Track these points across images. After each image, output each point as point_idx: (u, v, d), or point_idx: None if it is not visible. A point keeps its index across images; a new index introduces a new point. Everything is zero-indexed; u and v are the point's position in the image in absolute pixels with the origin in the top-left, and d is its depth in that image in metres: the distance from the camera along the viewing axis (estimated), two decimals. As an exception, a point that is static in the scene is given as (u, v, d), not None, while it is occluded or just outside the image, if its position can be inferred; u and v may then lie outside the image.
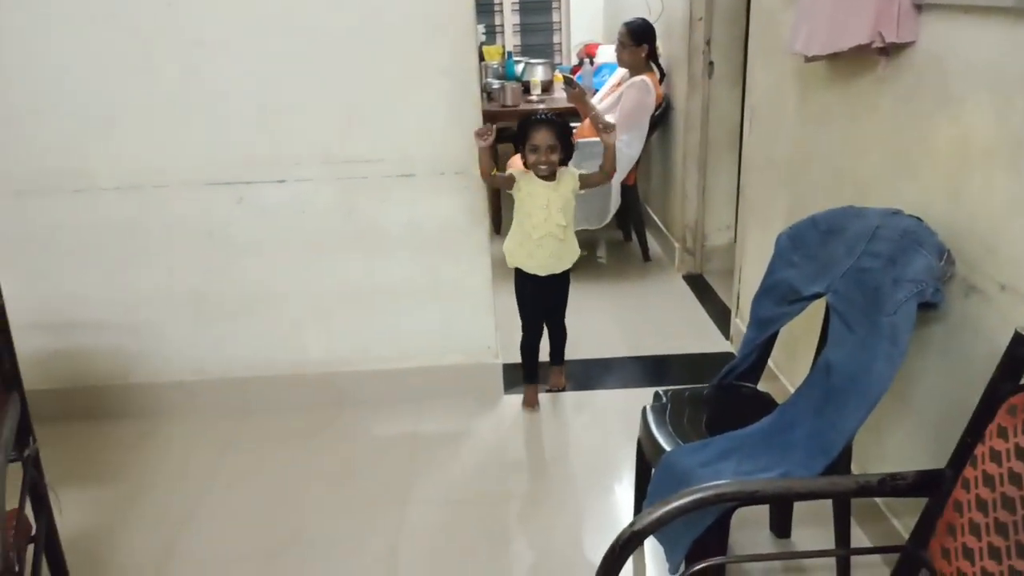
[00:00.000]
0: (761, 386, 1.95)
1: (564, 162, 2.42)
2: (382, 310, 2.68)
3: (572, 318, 2.81)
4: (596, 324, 3.43)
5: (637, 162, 3.89)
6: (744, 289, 2.97)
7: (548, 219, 2.41)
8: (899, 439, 1.83)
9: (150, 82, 2.39)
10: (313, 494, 2.28)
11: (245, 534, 2.14)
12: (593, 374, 3.03)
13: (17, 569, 1.36)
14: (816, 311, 1.78)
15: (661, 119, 3.93)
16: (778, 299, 1.78)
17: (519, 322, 2.70)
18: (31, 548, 1.67)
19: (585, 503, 2.23)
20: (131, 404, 2.71)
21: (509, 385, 2.83)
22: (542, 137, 2.34)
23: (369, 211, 2.57)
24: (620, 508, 2.21)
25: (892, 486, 1.23)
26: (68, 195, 2.48)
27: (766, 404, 1.82)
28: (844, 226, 1.70)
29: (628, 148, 3.76)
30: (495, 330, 2.75)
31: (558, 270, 2.53)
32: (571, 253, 2.54)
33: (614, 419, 2.65)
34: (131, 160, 2.47)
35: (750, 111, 2.84)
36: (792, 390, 1.92)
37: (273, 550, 2.07)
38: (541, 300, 2.61)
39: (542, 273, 2.51)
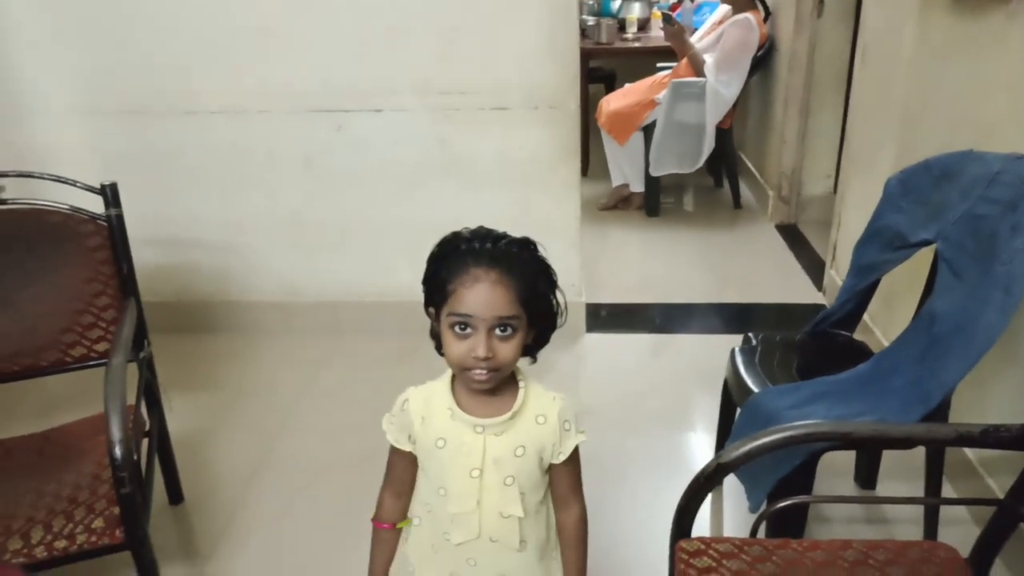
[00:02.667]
0: (856, 338, 1.90)
1: (533, 352, 1.10)
2: (471, 242, 2.71)
3: (654, 261, 2.74)
4: (680, 269, 3.39)
5: (734, 105, 3.77)
6: (842, 239, 2.87)
7: (486, 501, 1.08)
8: (1001, 394, 1.76)
9: (258, 9, 2.45)
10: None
11: (335, 444, 2.25)
12: (675, 318, 3.01)
13: (135, 458, 1.47)
14: (920, 263, 1.71)
15: (763, 60, 3.78)
16: (883, 245, 1.72)
17: (605, 261, 2.67)
18: (145, 442, 1.81)
19: (662, 444, 2.24)
20: (232, 320, 2.85)
21: (591, 324, 2.84)
22: (483, 296, 0.99)
23: (462, 143, 2.58)
24: (697, 450, 2.21)
25: (996, 437, 1.19)
26: (179, 116, 2.58)
27: (862, 353, 1.77)
28: (960, 170, 1.61)
29: (726, 89, 3.64)
30: (580, 269, 2.75)
31: None
32: (547, 573, 1.17)
33: (694, 363, 2.63)
34: (237, 85, 2.54)
35: (862, 49, 2.69)
36: (887, 344, 1.87)
37: (360, 459, 2.16)
38: None
39: None
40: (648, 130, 3.79)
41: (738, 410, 1.76)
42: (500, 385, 1.07)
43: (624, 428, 2.31)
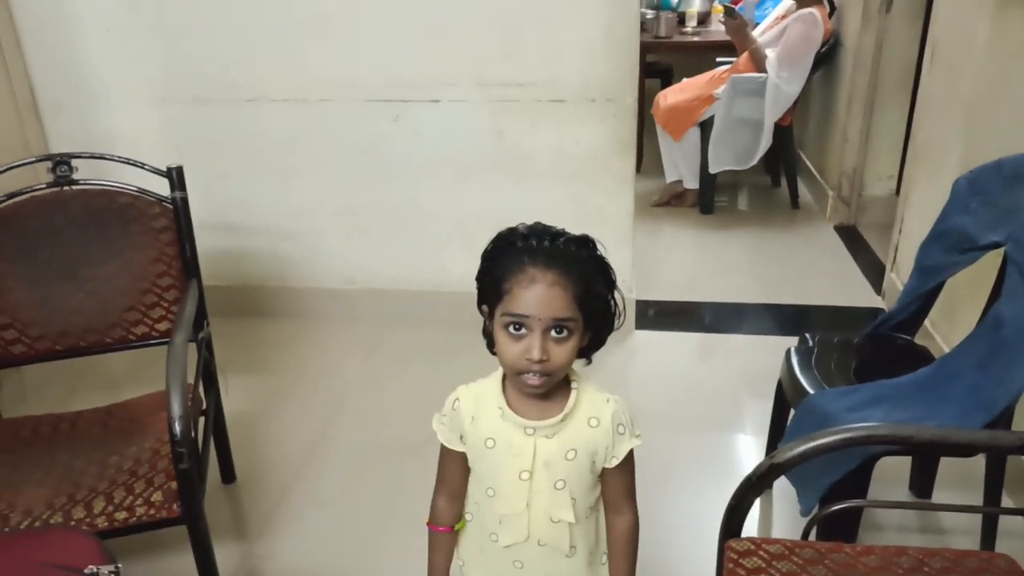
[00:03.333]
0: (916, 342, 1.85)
1: (588, 354, 1.07)
2: (523, 235, 2.72)
3: (707, 259, 2.69)
4: (734, 268, 3.34)
5: (795, 102, 3.68)
6: (904, 242, 2.79)
7: (536, 505, 1.06)
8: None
9: (321, 1, 2.48)
10: (445, 401, 2.40)
11: (386, 430, 2.28)
12: (727, 318, 2.96)
13: (193, 435, 1.51)
14: (985, 268, 1.66)
15: (826, 56, 3.69)
16: (948, 247, 1.66)
17: (656, 257, 2.64)
18: (201, 421, 1.85)
19: (711, 445, 2.21)
20: (288, 306, 2.90)
21: (641, 322, 2.81)
22: (539, 297, 0.97)
23: (518, 135, 2.58)
24: (747, 453, 2.18)
25: (1064, 448, 1.15)
26: (241, 104, 2.64)
27: (922, 357, 1.72)
28: (1035, 172, 1.56)
29: (787, 86, 3.57)
30: (631, 265, 2.73)
31: None
32: None
33: (746, 364, 2.58)
34: (298, 75, 2.59)
35: (932, 45, 2.61)
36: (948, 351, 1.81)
37: (410, 447, 2.20)
38: None
39: None
40: (705, 126, 3.74)
41: (791, 412, 1.73)
42: (553, 387, 1.03)
43: (672, 428, 2.29)
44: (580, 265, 0.99)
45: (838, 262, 3.37)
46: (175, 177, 1.86)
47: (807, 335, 1.85)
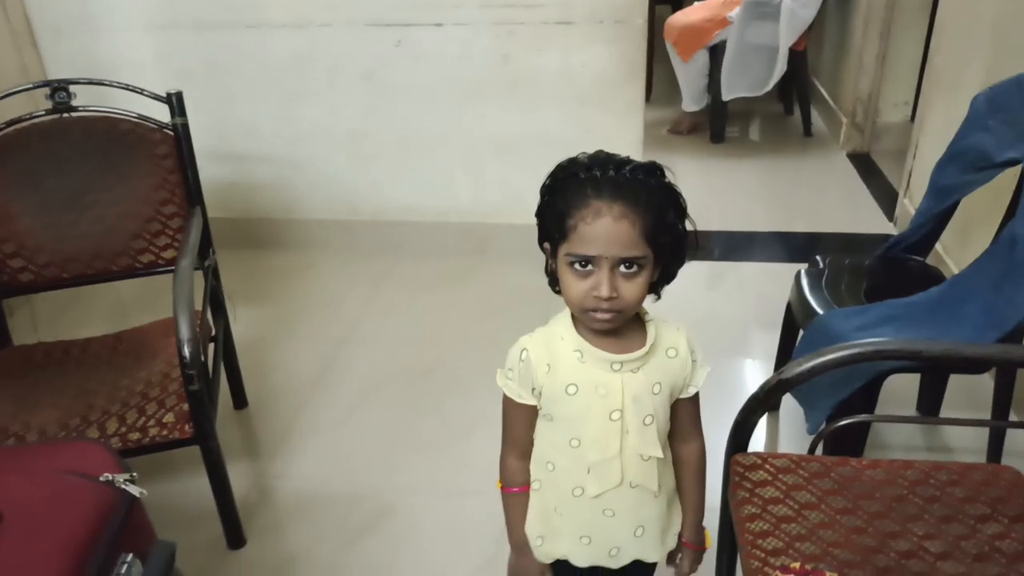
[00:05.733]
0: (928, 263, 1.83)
1: (658, 288, 1.03)
2: (531, 162, 2.66)
3: (717, 188, 2.64)
4: (745, 197, 3.30)
5: (810, 26, 3.58)
6: (919, 167, 2.74)
7: (627, 445, 1.02)
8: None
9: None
10: (454, 329, 2.41)
11: (394, 357, 2.30)
12: (737, 246, 2.94)
13: (202, 358, 1.52)
14: (999, 191, 1.62)
15: (844, -23, 3.57)
16: (965, 166, 1.63)
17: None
18: (211, 347, 1.87)
19: (719, 369, 2.19)
20: (294, 237, 2.89)
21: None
22: (606, 233, 0.91)
23: (524, 59, 2.52)
24: (756, 375, 2.18)
25: (1076, 361, 1.14)
26: (242, 30, 2.58)
27: (934, 278, 1.70)
28: (1057, 86, 1.51)
29: (803, 9, 3.46)
30: (641, 192, 2.69)
31: (657, 555, 1.12)
32: (673, 518, 1.13)
33: (756, 291, 2.57)
34: (299, -3, 2.52)
35: (954, -38, 2.51)
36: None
37: (418, 372, 2.22)
38: None
39: (615, 565, 1.11)
40: (715, 51, 3.64)
41: (800, 333, 1.72)
42: (623, 322, 0.98)
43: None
44: (649, 195, 0.91)
45: (850, 190, 3.33)
46: (175, 103, 1.83)
47: (818, 257, 1.84)
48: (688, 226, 0.97)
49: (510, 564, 1.14)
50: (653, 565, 1.15)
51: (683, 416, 1.07)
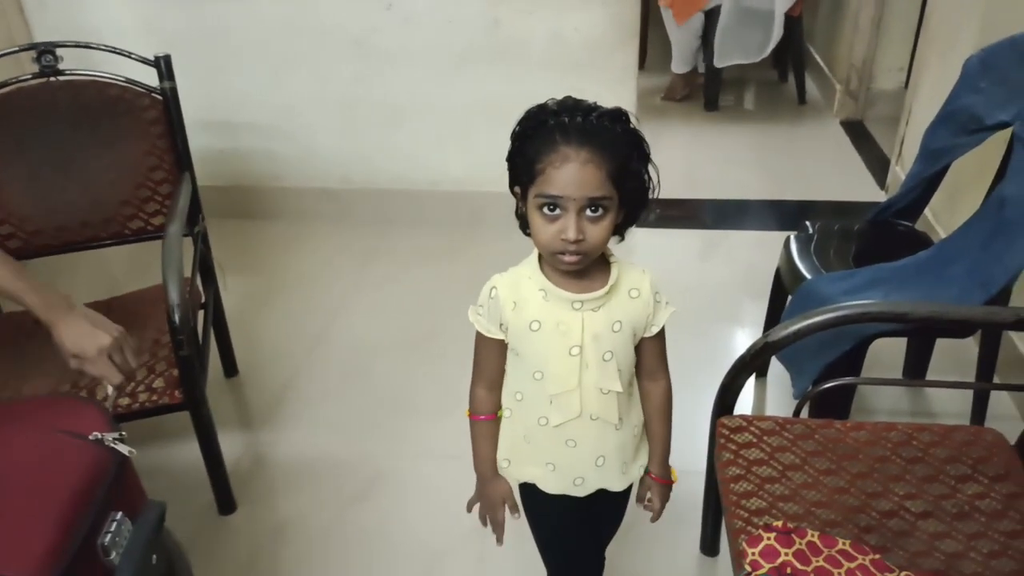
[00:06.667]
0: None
1: (622, 230, 1.06)
2: (522, 130, 2.66)
3: (710, 156, 2.62)
4: (737, 165, 3.29)
5: (805, -9, 3.55)
6: (911, 134, 2.73)
7: (586, 379, 1.07)
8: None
9: None
10: (446, 298, 2.40)
11: (386, 328, 2.30)
12: (728, 215, 2.94)
13: (192, 324, 1.52)
14: (989, 156, 1.62)
15: (839, -59, 3.53)
16: (956, 128, 1.62)
17: (658, 154, 2.61)
18: (201, 314, 1.87)
19: (708, 336, 2.22)
20: (282, 206, 2.88)
21: (640, 220, 2.78)
22: (573, 176, 0.95)
23: (514, 22, 2.49)
24: (743, 344, 2.19)
25: (1059, 323, 1.15)
26: (230, -5, 2.54)
27: (922, 243, 1.71)
28: (1049, 48, 1.50)
29: (798, -27, 3.42)
30: (634, 160, 2.68)
31: (619, 485, 1.17)
32: (639, 452, 1.17)
33: (746, 259, 2.57)
34: (286, -40, 2.48)
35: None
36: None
37: (411, 341, 2.23)
38: (578, 533, 1.24)
39: (581, 493, 1.15)
40: (710, 16, 3.60)
41: (788, 298, 1.73)
42: (589, 264, 1.03)
43: (669, 322, 2.30)
44: (614, 141, 0.95)
45: (843, 157, 3.32)
46: (163, 67, 1.81)
47: (807, 223, 1.84)
48: (651, 171, 1.02)
49: (476, 490, 1.20)
50: (621, 500, 1.21)
51: (648, 354, 1.12)
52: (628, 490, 1.19)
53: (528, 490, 1.16)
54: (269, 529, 1.67)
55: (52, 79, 1.76)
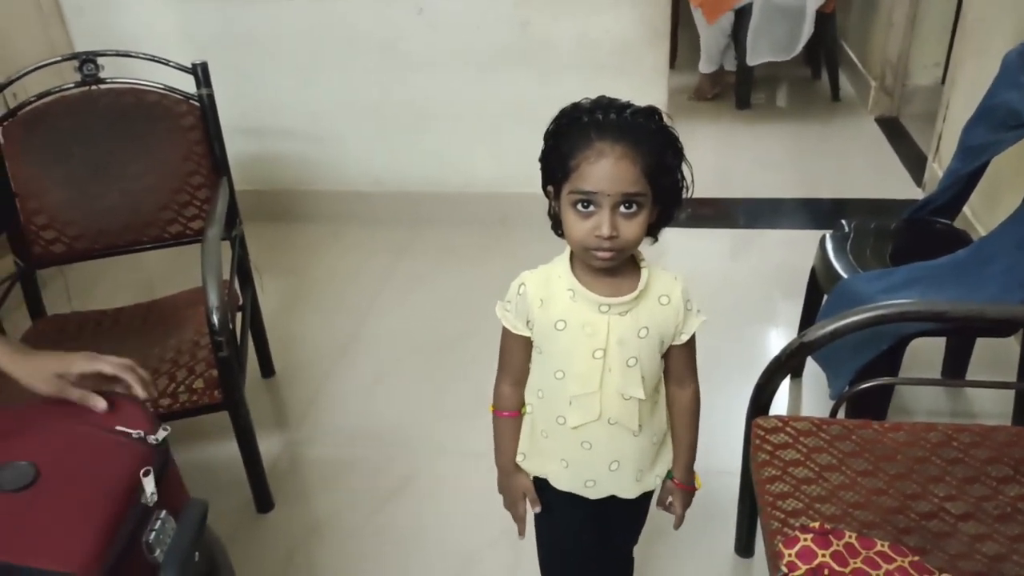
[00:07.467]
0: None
1: (655, 231, 1.05)
2: (552, 131, 2.67)
3: (742, 155, 2.60)
4: (770, 163, 3.26)
5: (838, -13, 3.51)
6: (948, 130, 2.68)
7: (607, 383, 1.06)
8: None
9: None
10: (477, 301, 2.41)
11: (417, 328, 2.32)
12: (761, 214, 2.91)
13: (230, 325, 1.55)
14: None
15: (873, -65, 3.48)
16: (995, 124, 1.60)
17: (691, 154, 2.60)
18: (239, 316, 1.90)
19: (743, 337, 2.21)
20: (316, 209, 2.92)
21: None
22: (608, 172, 0.94)
23: (544, 25, 2.50)
24: (777, 344, 2.17)
25: (1104, 322, 1.12)
26: (261, 1, 2.58)
27: (961, 241, 1.68)
28: (1092, 41, 1.47)
29: (830, -31, 3.39)
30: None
31: (632, 493, 1.14)
32: (657, 460, 1.15)
33: (781, 258, 2.55)
34: (318, -35, 2.52)
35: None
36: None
37: (443, 342, 2.24)
38: (584, 540, 1.21)
39: (592, 496, 1.14)
40: (741, 14, 3.58)
41: (824, 298, 1.71)
42: (620, 266, 1.02)
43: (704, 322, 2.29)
44: (649, 137, 0.95)
45: (878, 154, 3.27)
46: (200, 73, 1.84)
47: (843, 221, 1.82)
48: (685, 170, 1.01)
49: (498, 483, 1.21)
50: (635, 508, 1.18)
51: (677, 362, 1.10)
52: (644, 498, 1.16)
53: (539, 485, 1.16)
54: (306, 527, 1.69)
55: (93, 87, 1.81)
